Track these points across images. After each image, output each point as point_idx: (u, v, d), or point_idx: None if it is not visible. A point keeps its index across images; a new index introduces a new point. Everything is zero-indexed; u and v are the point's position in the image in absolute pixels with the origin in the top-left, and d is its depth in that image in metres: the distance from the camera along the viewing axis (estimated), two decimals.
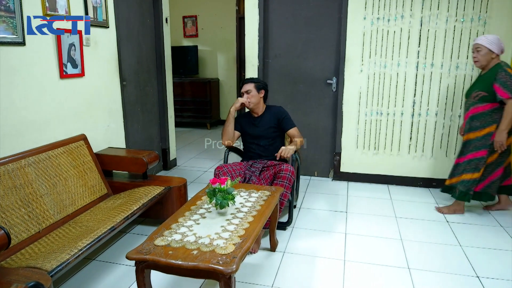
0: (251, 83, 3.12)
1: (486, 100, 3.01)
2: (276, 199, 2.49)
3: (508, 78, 2.88)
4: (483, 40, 3.00)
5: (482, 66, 3.06)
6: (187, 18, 7.26)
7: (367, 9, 3.74)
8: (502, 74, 2.91)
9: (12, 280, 1.66)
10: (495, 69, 2.98)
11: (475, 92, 3.08)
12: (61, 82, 2.83)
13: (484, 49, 2.98)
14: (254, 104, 3.12)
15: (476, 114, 3.08)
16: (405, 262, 2.56)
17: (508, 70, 2.92)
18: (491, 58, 3.00)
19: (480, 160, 3.10)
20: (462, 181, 3.20)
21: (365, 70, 3.86)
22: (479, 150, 3.10)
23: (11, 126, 2.43)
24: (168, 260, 1.73)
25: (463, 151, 3.22)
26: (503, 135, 2.94)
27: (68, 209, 2.59)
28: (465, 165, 3.18)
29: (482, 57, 3.00)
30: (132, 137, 3.84)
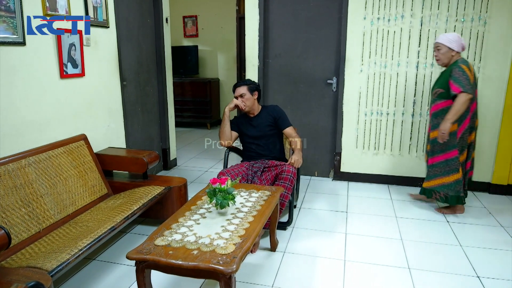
0: (244, 86, 3.12)
1: (445, 97, 3.07)
2: (276, 199, 2.49)
3: (461, 74, 2.94)
4: (443, 39, 3.05)
5: (443, 64, 3.11)
6: (187, 18, 7.26)
7: (367, 9, 3.74)
8: (456, 70, 2.97)
9: (13, 280, 1.66)
10: (452, 66, 3.03)
11: (435, 89, 3.15)
12: (61, 82, 2.83)
13: (444, 48, 3.04)
14: (249, 107, 3.12)
15: (437, 111, 3.14)
16: (405, 262, 2.56)
17: (463, 66, 2.96)
18: (452, 56, 3.06)
19: (455, 160, 3.12)
20: (447, 185, 3.17)
21: (365, 70, 3.86)
22: (450, 150, 3.12)
23: (11, 126, 2.43)
24: (168, 260, 1.73)
25: (434, 150, 3.21)
26: (447, 124, 2.97)
27: (68, 209, 2.59)
28: (442, 167, 3.17)
29: (443, 55, 3.07)
30: (132, 137, 3.84)
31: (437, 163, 3.20)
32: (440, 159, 3.17)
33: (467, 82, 2.93)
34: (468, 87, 2.92)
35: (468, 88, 2.92)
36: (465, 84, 2.93)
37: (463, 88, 2.92)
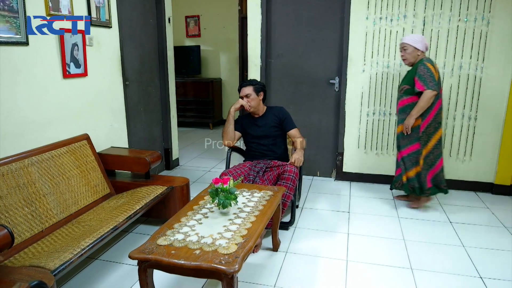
0: (249, 86, 3.12)
1: (410, 93, 3.19)
2: (279, 199, 2.49)
3: (426, 72, 3.07)
4: (408, 39, 3.18)
5: (410, 63, 3.23)
6: (189, 18, 7.27)
7: (370, 8, 3.73)
8: (421, 68, 3.09)
9: (16, 279, 1.67)
10: (417, 64, 3.16)
11: (402, 86, 3.26)
12: (64, 82, 2.84)
13: (410, 48, 3.16)
14: (254, 108, 3.12)
15: (403, 106, 3.25)
16: (407, 263, 2.56)
17: (428, 64, 3.09)
18: (417, 55, 3.18)
19: (416, 153, 3.24)
20: (412, 178, 3.29)
21: (368, 70, 3.85)
22: (414, 143, 3.23)
23: (14, 126, 2.44)
24: (170, 260, 1.73)
25: (399, 144, 3.33)
26: (411, 119, 3.13)
27: (71, 208, 2.60)
28: (407, 160, 3.29)
29: (409, 55, 3.18)
30: (134, 137, 3.85)
31: (405, 157, 3.31)
32: (407, 152, 3.29)
33: (431, 80, 3.06)
34: (432, 84, 3.05)
35: (432, 85, 3.05)
36: (429, 81, 3.06)
37: (427, 86, 3.05)
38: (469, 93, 3.67)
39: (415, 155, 3.24)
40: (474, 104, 3.68)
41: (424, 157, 3.23)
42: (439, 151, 3.26)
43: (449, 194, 3.45)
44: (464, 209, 3.44)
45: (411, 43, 3.15)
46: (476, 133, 3.73)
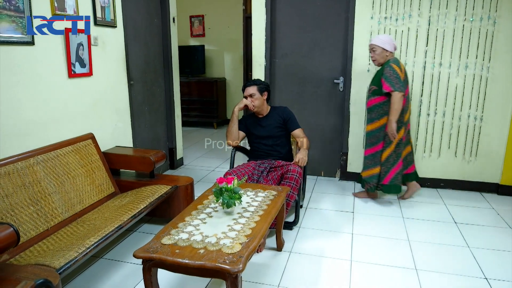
0: (253, 86, 3.12)
1: (378, 94, 3.27)
2: (283, 199, 2.49)
3: (392, 73, 3.15)
4: (377, 40, 3.26)
5: (380, 63, 3.31)
6: (194, 18, 7.28)
7: (375, 8, 3.72)
8: (387, 69, 3.18)
9: (21, 277, 1.68)
10: (384, 65, 3.25)
11: (370, 87, 3.36)
12: (69, 81, 2.86)
13: (379, 49, 3.25)
14: (258, 108, 3.12)
15: (371, 106, 3.36)
16: (412, 263, 2.55)
17: (393, 66, 3.17)
18: (386, 56, 3.27)
19: (378, 153, 3.39)
20: (373, 177, 3.44)
21: (372, 69, 3.83)
22: (377, 143, 3.38)
23: (20, 125, 2.46)
24: (175, 259, 1.73)
25: (367, 142, 3.48)
26: (392, 125, 3.18)
27: (76, 207, 2.61)
28: (371, 159, 3.43)
29: (378, 55, 3.27)
30: (139, 136, 3.86)
31: (368, 155, 3.46)
32: (371, 152, 3.43)
33: (397, 81, 3.14)
34: (398, 85, 3.13)
35: (398, 87, 3.13)
36: (395, 83, 3.13)
37: (393, 87, 3.13)
38: (475, 93, 3.65)
39: (378, 155, 3.38)
40: (480, 104, 3.66)
41: (387, 157, 3.34)
42: (401, 151, 3.35)
43: (455, 194, 3.44)
44: (470, 209, 3.42)
45: (379, 44, 3.23)
46: (482, 134, 3.71)
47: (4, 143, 2.34)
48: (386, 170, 3.36)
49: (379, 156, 3.38)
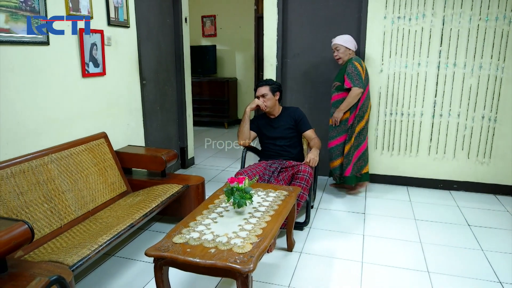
0: (266, 86, 3.12)
1: (341, 89, 3.49)
2: (294, 199, 2.48)
3: (353, 70, 3.36)
4: (340, 40, 3.47)
5: (344, 61, 3.50)
6: (206, 18, 7.30)
7: (388, 8, 3.69)
8: (350, 66, 3.39)
9: (35, 273, 1.70)
10: (346, 63, 3.45)
11: (334, 83, 3.56)
12: (83, 81, 2.89)
13: (342, 48, 3.46)
14: (270, 108, 3.12)
15: (334, 101, 3.55)
16: (424, 266, 2.52)
17: (356, 63, 3.38)
18: (349, 54, 3.48)
19: (343, 144, 3.59)
20: (336, 168, 3.65)
21: (385, 70, 3.81)
22: (341, 135, 3.57)
23: (35, 124, 2.50)
24: (186, 258, 1.74)
25: (331, 135, 3.63)
26: (340, 113, 3.46)
27: (89, 205, 2.64)
28: (335, 150, 3.62)
29: (342, 54, 3.47)
30: (151, 136, 3.89)
31: (333, 147, 3.62)
32: (335, 143, 3.60)
33: (358, 78, 3.36)
34: (358, 82, 3.36)
35: (358, 83, 3.36)
36: (355, 79, 3.36)
37: (353, 84, 3.36)
38: (489, 93, 3.59)
39: (341, 146, 3.59)
40: (494, 105, 3.60)
41: (349, 148, 3.54)
42: (358, 142, 3.56)
43: (468, 196, 3.39)
44: (483, 212, 3.37)
45: (342, 43, 3.44)
46: (496, 135, 3.65)
47: (20, 141, 2.38)
48: (348, 162, 3.57)
49: (342, 148, 3.59)
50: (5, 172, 2.17)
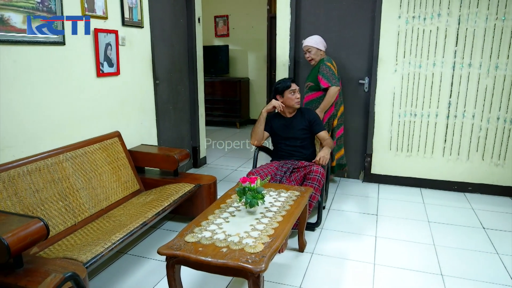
0: (295, 83, 3.15)
1: (314, 89, 3.60)
2: (306, 200, 2.48)
3: (328, 70, 3.48)
4: (311, 42, 3.55)
5: (316, 62, 3.60)
6: (218, 18, 7.33)
7: (402, 7, 3.65)
8: (323, 67, 3.50)
9: (50, 270, 1.73)
10: (319, 64, 3.55)
11: (307, 83, 3.66)
12: (97, 80, 2.93)
13: (314, 49, 3.55)
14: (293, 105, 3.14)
15: (309, 101, 3.65)
16: (438, 268, 2.49)
17: (328, 64, 3.51)
18: (320, 55, 3.59)
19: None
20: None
21: (399, 70, 3.77)
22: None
23: (51, 123, 2.54)
24: (198, 257, 1.75)
25: None
26: (322, 113, 3.54)
27: (102, 203, 2.68)
28: None
29: (314, 55, 3.57)
30: (163, 135, 3.92)
31: None
32: None
33: (333, 77, 3.47)
34: (334, 81, 3.47)
35: (335, 82, 3.47)
36: (331, 79, 3.46)
37: (330, 83, 3.45)
38: (505, 94, 3.53)
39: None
40: (510, 106, 3.53)
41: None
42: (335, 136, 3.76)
43: (483, 198, 3.34)
44: (499, 215, 3.31)
45: (313, 45, 3.53)
46: None
47: (36, 139, 2.42)
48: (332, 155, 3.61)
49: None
50: (21, 169, 2.21)
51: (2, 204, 2.05)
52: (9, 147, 2.25)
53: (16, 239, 1.65)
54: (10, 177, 2.14)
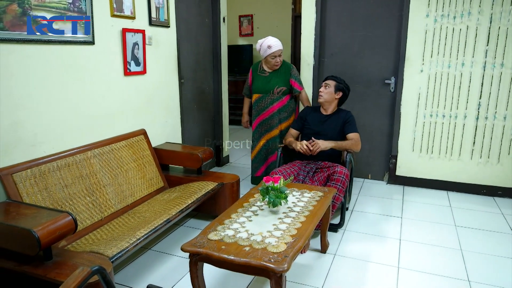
0: (333, 81, 3.18)
1: (286, 93, 3.56)
2: (329, 200, 2.45)
3: (298, 73, 3.59)
4: (280, 45, 3.47)
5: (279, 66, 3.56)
6: (243, 17, 7.35)
7: (431, 6, 3.56)
8: (294, 70, 3.56)
9: (78, 263, 1.78)
10: (287, 67, 3.56)
11: (277, 88, 3.52)
12: (125, 79, 2.99)
13: (281, 52, 3.50)
14: (324, 100, 3.17)
15: (282, 106, 3.56)
16: (464, 274, 2.42)
17: (294, 66, 3.61)
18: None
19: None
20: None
21: (426, 70, 3.68)
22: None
23: (80, 120, 2.60)
24: (220, 255, 1.76)
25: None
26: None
27: (128, 199, 2.73)
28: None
29: (281, 58, 3.52)
30: (188, 133, 3.96)
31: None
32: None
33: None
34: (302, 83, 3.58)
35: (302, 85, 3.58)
36: (301, 81, 3.58)
37: (302, 86, 3.57)
38: None
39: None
40: None
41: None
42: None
43: None
44: None
45: (282, 47, 3.48)
46: None
47: (66, 136, 2.49)
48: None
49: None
50: (51, 165, 2.29)
51: (33, 198, 2.12)
52: (41, 143, 2.33)
53: (46, 232, 1.71)
54: (41, 172, 2.21)
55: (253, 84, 3.65)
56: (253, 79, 3.65)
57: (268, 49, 3.42)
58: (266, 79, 3.58)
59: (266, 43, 3.42)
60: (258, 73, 3.62)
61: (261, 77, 3.60)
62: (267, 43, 3.42)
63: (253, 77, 3.65)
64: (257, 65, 3.67)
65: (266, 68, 3.60)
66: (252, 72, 3.68)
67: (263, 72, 3.60)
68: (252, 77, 3.67)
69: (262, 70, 3.61)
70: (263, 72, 3.60)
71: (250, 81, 3.68)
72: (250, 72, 3.70)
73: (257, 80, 3.61)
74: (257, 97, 3.61)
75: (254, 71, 3.66)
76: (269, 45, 3.41)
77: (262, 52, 3.48)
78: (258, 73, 3.62)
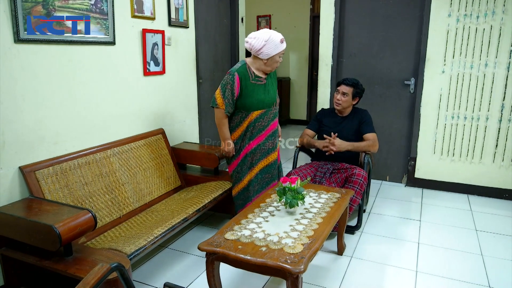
0: (350, 87, 3.08)
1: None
2: (346, 202, 2.43)
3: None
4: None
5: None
6: (261, 18, 7.35)
7: (453, 5, 3.49)
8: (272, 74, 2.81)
9: (97, 259, 1.81)
10: (274, 75, 2.82)
11: (278, 98, 2.86)
12: (144, 79, 3.03)
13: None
14: (342, 107, 3.13)
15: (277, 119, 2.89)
16: (485, 280, 2.36)
17: None
18: None
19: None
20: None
21: (448, 70, 3.61)
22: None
23: (101, 119, 2.65)
24: (237, 255, 1.77)
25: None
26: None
27: (146, 198, 2.77)
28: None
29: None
30: (205, 133, 3.99)
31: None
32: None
33: None
34: None
35: None
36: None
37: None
38: None
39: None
40: None
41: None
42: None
43: None
44: None
45: None
46: None
47: (87, 134, 2.54)
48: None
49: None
50: (72, 163, 2.33)
51: (55, 195, 2.17)
52: (63, 141, 2.38)
53: (66, 229, 1.74)
54: (63, 170, 2.26)
55: (247, 97, 2.63)
56: (245, 90, 2.62)
57: (281, 44, 2.59)
58: (264, 88, 2.70)
59: (277, 37, 2.57)
60: (251, 81, 2.64)
61: (258, 86, 2.67)
62: (278, 36, 2.58)
63: (244, 87, 2.62)
64: (245, 70, 2.64)
65: (260, 73, 2.70)
66: (240, 80, 2.60)
67: (258, 79, 2.67)
68: (241, 88, 2.61)
69: (255, 76, 2.66)
70: (258, 79, 2.67)
71: (238, 92, 2.61)
72: (236, 80, 2.58)
73: (253, 92, 2.64)
74: (258, 115, 2.69)
75: (244, 79, 2.61)
76: (282, 38, 2.61)
77: (268, 49, 2.56)
78: (251, 81, 2.64)
